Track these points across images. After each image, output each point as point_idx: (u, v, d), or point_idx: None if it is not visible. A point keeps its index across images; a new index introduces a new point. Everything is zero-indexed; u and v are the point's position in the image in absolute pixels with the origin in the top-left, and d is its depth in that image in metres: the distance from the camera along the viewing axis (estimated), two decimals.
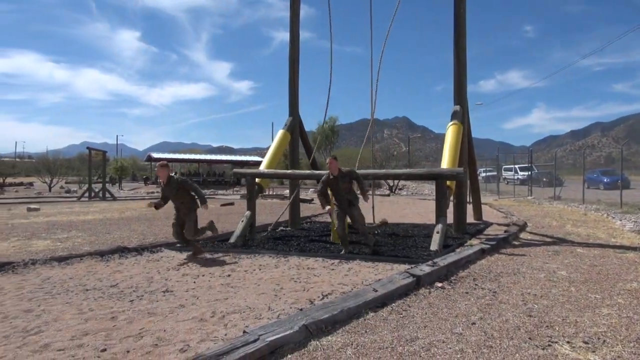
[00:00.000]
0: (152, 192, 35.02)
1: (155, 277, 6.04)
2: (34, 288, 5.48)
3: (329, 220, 9.88)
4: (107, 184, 29.29)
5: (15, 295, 5.15)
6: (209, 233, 8.13)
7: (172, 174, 7.55)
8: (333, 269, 6.42)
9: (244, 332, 3.59)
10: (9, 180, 51.94)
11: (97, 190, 26.53)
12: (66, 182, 48.23)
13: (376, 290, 4.69)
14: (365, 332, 3.79)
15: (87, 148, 28.44)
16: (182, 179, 7.56)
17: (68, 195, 31.14)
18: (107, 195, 26.50)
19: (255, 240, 9.11)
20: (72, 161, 59.38)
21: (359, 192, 7.79)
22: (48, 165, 46.98)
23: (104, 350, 3.51)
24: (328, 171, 7.67)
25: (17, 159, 79.58)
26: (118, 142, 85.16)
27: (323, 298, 4.86)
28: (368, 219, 8.79)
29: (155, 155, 53.86)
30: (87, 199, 25.44)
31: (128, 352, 3.46)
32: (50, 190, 38.70)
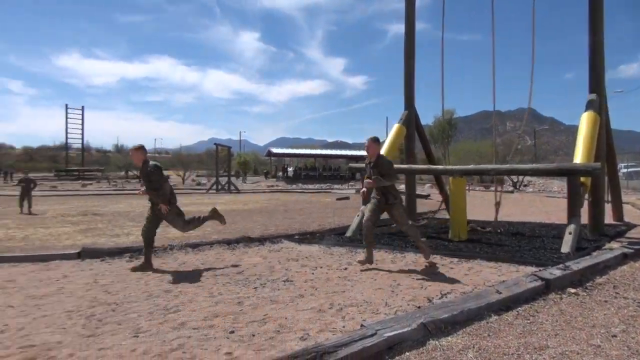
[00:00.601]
0: (272, 186, 36.86)
1: (276, 266, 6.35)
2: (172, 271, 6.09)
3: (448, 216, 9.57)
4: (232, 178, 31.41)
5: (157, 277, 5.77)
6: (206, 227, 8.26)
7: (150, 161, 6.38)
8: (452, 268, 6.21)
9: (362, 325, 3.62)
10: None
11: (223, 183, 28.59)
12: (197, 175, 52.66)
13: (500, 293, 4.44)
14: (488, 335, 3.61)
15: (215, 144, 30.77)
16: (153, 165, 6.29)
17: (198, 187, 34.01)
18: (232, 188, 28.42)
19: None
20: (201, 156, 64.72)
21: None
22: (181, 160, 51.74)
23: (232, 332, 3.77)
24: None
25: (156, 154, 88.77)
26: (241, 138, 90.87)
27: (442, 297, 4.73)
28: (486, 218, 8.35)
29: (274, 150, 56.53)
30: (214, 191, 27.56)
31: (253, 335, 3.68)
32: (183, 183, 42.60)
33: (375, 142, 6.27)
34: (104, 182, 45.54)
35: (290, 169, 52.11)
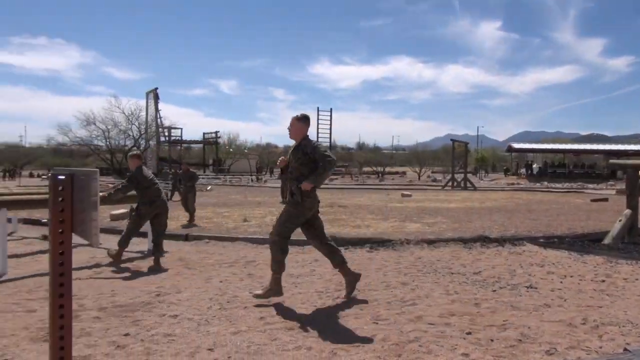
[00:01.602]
0: (512, 184, 34.52)
1: (517, 270, 5.92)
2: (409, 264, 6.26)
3: None
4: (469, 174, 30.57)
5: (395, 269, 6.02)
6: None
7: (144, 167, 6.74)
8: None
9: (625, 349, 3.10)
10: (387, 169, 60.93)
11: (459, 180, 28.06)
12: (432, 172, 52.93)
13: None
14: None
15: (451, 140, 30.39)
16: (133, 172, 6.56)
17: (434, 184, 34.15)
18: (469, 185, 27.65)
19: (638, 244, 7.72)
20: (437, 152, 64.69)
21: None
22: (417, 157, 52.69)
23: (469, 333, 3.68)
24: None
25: (393, 151, 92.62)
26: (478, 133, 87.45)
27: None
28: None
29: (515, 145, 52.75)
30: (450, 188, 27.27)
31: (492, 340, 3.52)
32: (419, 179, 43.36)
33: (300, 120, 4.68)
34: (348, 177, 49.67)
35: (535, 166, 47.86)
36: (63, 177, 1.77)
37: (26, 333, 3.67)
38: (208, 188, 26.43)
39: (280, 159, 5.01)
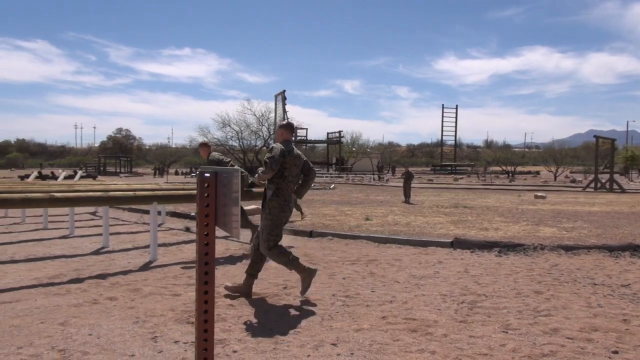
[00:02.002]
0: None
1: None
2: (543, 272, 5.80)
3: None
4: (615, 175, 27.39)
5: (527, 276, 5.61)
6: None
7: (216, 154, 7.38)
8: None
9: None
10: (518, 168, 57.06)
11: (603, 181, 25.28)
12: (571, 172, 48.37)
13: None
14: None
15: (594, 137, 27.48)
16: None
17: (573, 185, 31.16)
18: (615, 186, 24.78)
19: None
20: (577, 150, 58.98)
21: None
22: (554, 155, 48.50)
23: (615, 352, 3.30)
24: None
25: (526, 149, 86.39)
26: (628, 129, 77.86)
27: None
28: None
29: None
30: (592, 190, 24.68)
31: None
32: (555, 179, 39.90)
33: (280, 127, 4.98)
34: (474, 177, 47.48)
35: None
36: (209, 175, 1.97)
37: (172, 314, 4.10)
38: (331, 186, 27.10)
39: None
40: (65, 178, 20.07)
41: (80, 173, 23.76)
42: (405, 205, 15.24)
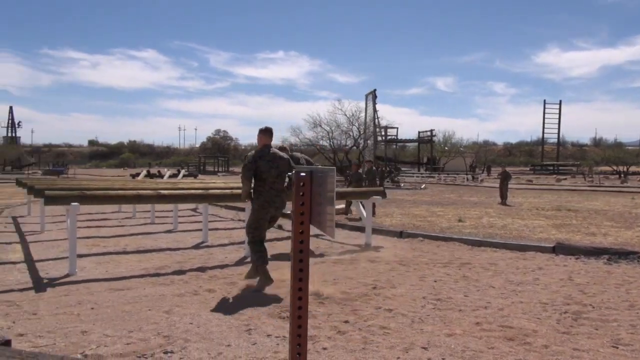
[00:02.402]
0: None
1: None
2: None
3: None
4: None
5: None
6: None
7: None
8: None
9: None
10: (632, 168, 52.03)
11: None
12: None
13: None
14: None
15: None
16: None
17: None
18: None
19: None
20: None
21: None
22: None
23: None
24: None
25: (628, 147, 78.44)
26: None
27: None
28: None
29: None
30: None
31: None
32: None
33: (260, 132, 5.22)
34: (579, 177, 44.06)
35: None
36: (304, 174, 2.02)
37: (265, 308, 4.26)
38: (422, 187, 26.55)
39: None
40: (170, 177, 21.62)
41: (182, 172, 25.43)
42: (502, 207, 14.52)
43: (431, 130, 51.11)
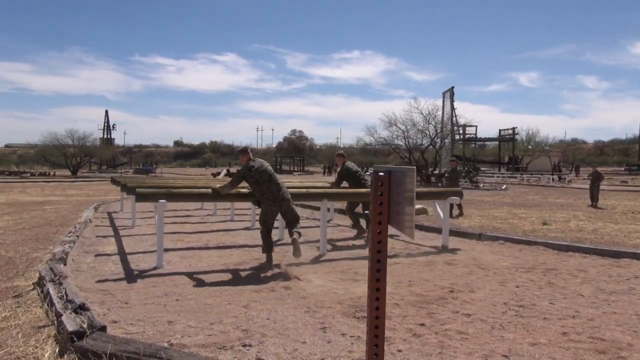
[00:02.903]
0: None
1: None
2: None
3: None
4: None
5: None
6: None
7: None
8: None
9: None
10: None
11: None
12: None
13: None
14: None
15: None
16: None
17: None
18: None
19: None
20: None
21: None
22: None
23: None
24: None
25: None
26: None
27: None
28: None
29: None
30: None
31: None
32: None
33: (239, 153, 6.78)
34: None
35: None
36: (382, 174, 2.00)
37: (340, 307, 4.28)
38: (503, 187, 25.43)
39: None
40: None
41: None
42: (592, 210, 13.55)
43: (513, 128, 48.77)
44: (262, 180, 6.15)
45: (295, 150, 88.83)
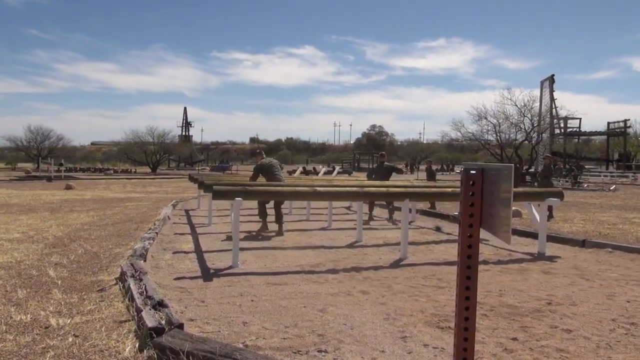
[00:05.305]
0: None
1: None
2: None
3: None
4: None
5: None
6: None
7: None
8: None
9: None
10: None
11: None
12: None
13: None
14: None
15: None
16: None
17: None
18: None
19: None
20: None
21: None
22: None
23: None
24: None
25: None
26: None
27: None
28: None
29: None
30: None
31: None
32: None
33: (254, 155, 11.52)
34: None
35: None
36: (474, 172, 1.91)
37: (422, 316, 4.20)
38: (611, 188, 23.69)
39: None
40: (324, 174, 22.60)
41: (337, 169, 26.37)
42: None
43: (625, 121, 45.20)
44: (272, 170, 9.33)
45: (375, 147, 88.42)
